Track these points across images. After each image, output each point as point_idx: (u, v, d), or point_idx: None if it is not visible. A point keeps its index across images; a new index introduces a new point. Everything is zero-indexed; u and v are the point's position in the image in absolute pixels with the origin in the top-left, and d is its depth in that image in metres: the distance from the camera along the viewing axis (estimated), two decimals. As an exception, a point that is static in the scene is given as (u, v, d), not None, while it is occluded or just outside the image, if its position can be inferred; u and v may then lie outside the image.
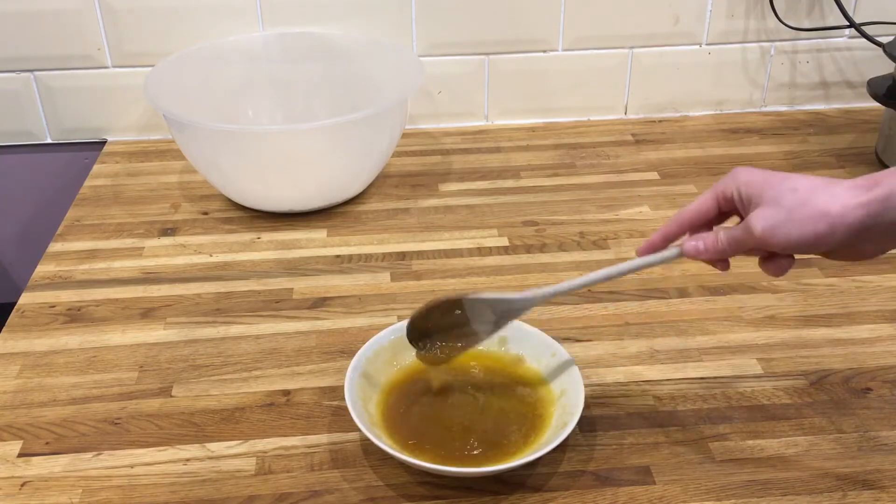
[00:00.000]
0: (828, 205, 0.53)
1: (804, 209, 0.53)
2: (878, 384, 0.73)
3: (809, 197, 0.54)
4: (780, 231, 0.54)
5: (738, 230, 0.57)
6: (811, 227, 0.53)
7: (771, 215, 0.55)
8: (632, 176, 1.06)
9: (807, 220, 0.53)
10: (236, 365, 0.76)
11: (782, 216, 0.54)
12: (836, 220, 0.53)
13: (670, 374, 0.74)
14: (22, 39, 1.09)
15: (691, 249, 0.60)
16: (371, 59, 1.08)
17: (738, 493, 0.63)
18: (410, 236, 0.94)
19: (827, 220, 0.53)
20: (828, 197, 0.53)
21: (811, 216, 0.53)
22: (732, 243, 0.58)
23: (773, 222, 0.54)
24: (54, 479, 0.65)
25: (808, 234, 0.53)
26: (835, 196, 0.53)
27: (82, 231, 0.96)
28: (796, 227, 0.54)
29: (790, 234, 0.54)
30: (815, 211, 0.53)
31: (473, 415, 0.67)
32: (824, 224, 0.53)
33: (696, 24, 1.15)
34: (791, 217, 0.54)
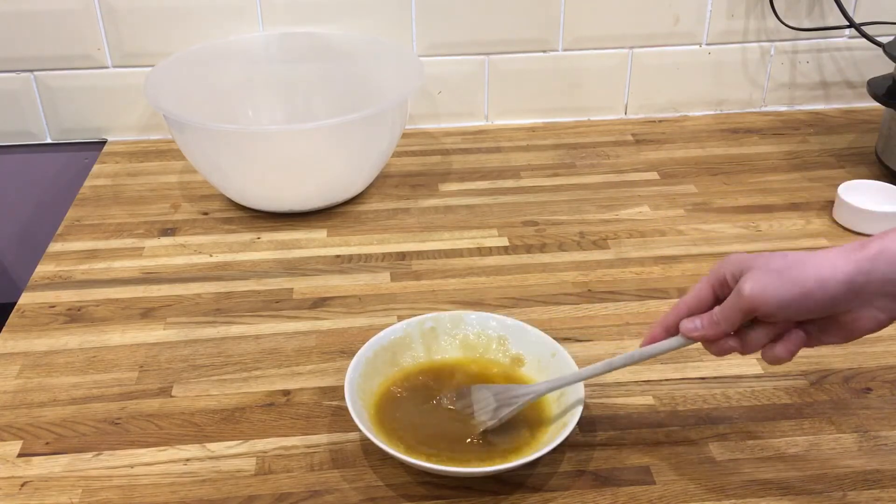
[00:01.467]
0: (818, 265, 0.53)
1: (793, 270, 0.54)
2: (878, 384, 0.73)
3: (799, 259, 0.54)
4: (768, 291, 0.54)
5: (729, 298, 0.57)
6: (799, 286, 0.53)
7: (760, 276, 0.55)
8: (632, 176, 1.06)
9: (796, 279, 0.53)
10: (236, 365, 0.76)
11: (771, 277, 0.54)
12: (826, 276, 0.53)
13: (670, 374, 0.74)
14: (22, 39, 1.09)
15: (689, 328, 0.59)
16: (371, 59, 1.08)
17: (738, 493, 0.63)
18: (410, 236, 0.94)
19: (816, 278, 0.53)
20: (818, 259, 0.54)
21: (801, 275, 0.53)
22: (725, 312, 0.57)
23: (762, 283, 0.54)
24: (54, 479, 0.65)
25: (796, 292, 0.53)
26: (825, 257, 0.54)
27: (82, 231, 0.96)
28: (784, 285, 0.54)
29: (779, 294, 0.54)
30: (805, 270, 0.53)
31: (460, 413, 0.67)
32: (814, 281, 0.53)
33: (696, 24, 1.15)
34: (780, 277, 0.54)
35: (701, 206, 0.99)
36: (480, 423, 0.66)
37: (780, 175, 1.06)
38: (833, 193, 0.96)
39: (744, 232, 0.94)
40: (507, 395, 0.66)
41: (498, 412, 0.65)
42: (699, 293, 0.60)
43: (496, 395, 0.66)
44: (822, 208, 0.98)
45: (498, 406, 0.66)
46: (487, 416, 0.65)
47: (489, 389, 0.67)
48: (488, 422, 0.65)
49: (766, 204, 1.00)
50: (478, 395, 0.67)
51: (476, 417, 0.66)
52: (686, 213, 0.98)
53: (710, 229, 0.95)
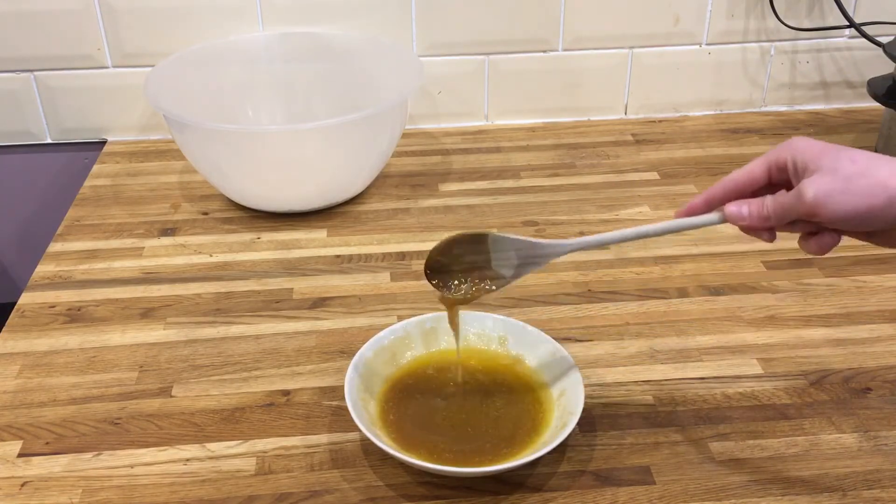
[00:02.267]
0: (889, 178, 0.50)
1: (862, 179, 0.51)
2: (878, 384, 0.73)
3: (869, 168, 0.51)
4: (834, 200, 0.51)
5: (787, 196, 0.53)
6: (867, 199, 0.50)
7: (826, 182, 0.51)
8: (632, 176, 1.06)
9: (864, 191, 0.50)
10: (236, 365, 0.76)
11: (838, 185, 0.51)
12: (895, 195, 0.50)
13: (670, 374, 0.74)
14: (22, 39, 1.09)
15: (734, 213, 0.56)
16: (371, 59, 1.08)
17: (738, 493, 0.63)
18: (410, 236, 0.94)
19: (886, 193, 0.50)
20: (889, 170, 0.50)
21: (869, 187, 0.50)
22: (779, 210, 0.54)
23: (827, 189, 0.51)
24: (54, 479, 0.65)
25: (863, 206, 0.51)
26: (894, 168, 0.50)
27: (82, 231, 0.96)
28: (851, 198, 0.51)
29: (844, 204, 0.51)
30: (874, 182, 0.50)
31: (473, 415, 0.67)
32: (882, 197, 0.50)
33: (696, 24, 1.15)
34: (847, 186, 0.51)
35: (701, 206, 0.99)
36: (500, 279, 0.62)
37: (780, 175, 1.06)
38: (833, 193, 0.96)
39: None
40: (531, 252, 0.62)
41: (521, 269, 0.62)
42: (752, 173, 0.56)
43: (518, 251, 0.62)
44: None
45: (520, 264, 0.62)
46: (509, 273, 0.62)
47: (511, 242, 0.63)
48: (508, 278, 0.62)
49: (766, 204, 0.99)
50: (497, 245, 0.63)
51: (495, 269, 0.63)
52: (686, 213, 0.98)
53: (709, 229, 0.95)
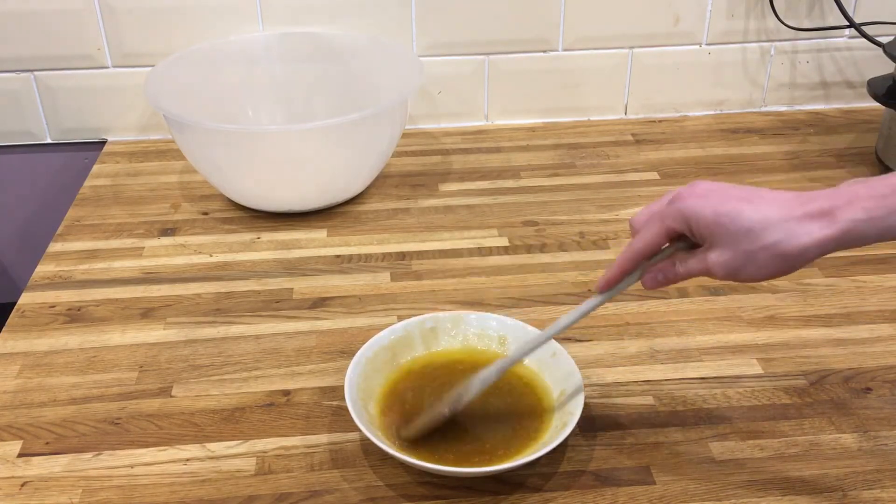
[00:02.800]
0: (786, 248, 0.54)
1: (763, 253, 0.55)
2: (878, 384, 0.73)
3: (766, 240, 0.54)
4: (742, 273, 0.56)
5: (697, 264, 0.58)
6: (772, 268, 0.55)
7: (730, 260, 0.56)
8: (632, 176, 1.06)
9: (767, 262, 0.55)
10: (236, 365, 0.76)
11: (741, 260, 0.55)
12: (797, 259, 0.54)
13: (670, 374, 0.74)
14: (22, 39, 1.09)
15: (651, 283, 0.61)
16: (371, 59, 1.08)
17: (738, 493, 0.63)
18: (410, 236, 0.94)
19: (787, 262, 0.55)
20: (785, 238, 0.54)
21: (771, 258, 0.55)
22: (692, 274, 0.59)
23: (733, 266, 0.56)
24: (54, 479, 0.65)
25: (770, 273, 0.56)
26: (792, 236, 0.54)
27: (82, 231, 0.96)
28: (760, 271, 0.55)
29: (754, 276, 0.56)
30: (774, 255, 0.54)
31: (473, 415, 0.67)
32: (785, 265, 0.55)
33: (696, 24, 1.15)
34: (750, 260, 0.55)
35: (701, 206, 0.99)
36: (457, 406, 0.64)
37: (780, 175, 1.06)
38: (833, 193, 0.96)
39: (744, 232, 0.94)
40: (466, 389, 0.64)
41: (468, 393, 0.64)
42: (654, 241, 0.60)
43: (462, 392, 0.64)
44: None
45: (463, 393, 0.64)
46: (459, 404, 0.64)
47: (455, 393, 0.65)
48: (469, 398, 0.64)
49: (766, 204, 0.99)
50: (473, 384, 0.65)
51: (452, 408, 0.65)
52: (686, 213, 0.98)
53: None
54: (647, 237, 0.60)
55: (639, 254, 0.61)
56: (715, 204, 0.56)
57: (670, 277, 0.60)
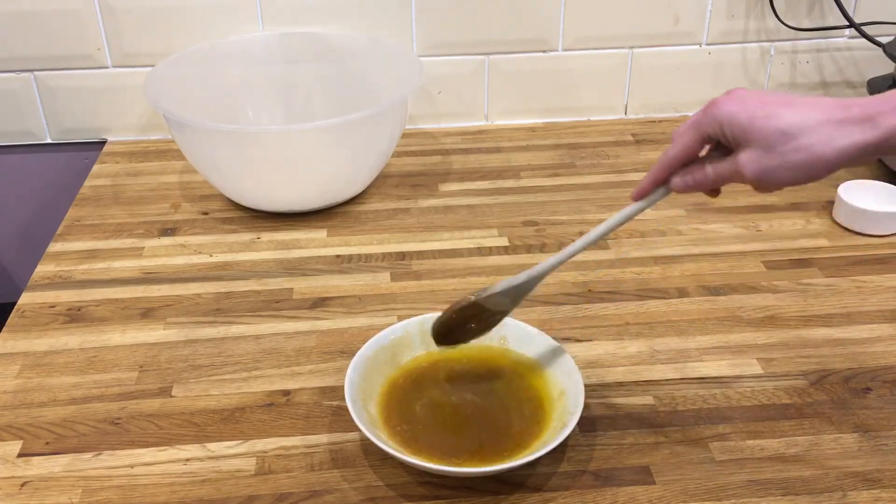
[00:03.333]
0: (823, 150, 0.52)
1: (798, 154, 0.53)
2: (878, 384, 0.73)
3: (802, 141, 0.53)
4: (773, 175, 0.54)
5: (728, 166, 0.56)
6: (805, 172, 0.53)
7: (762, 159, 0.54)
8: (632, 176, 1.06)
9: (801, 165, 0.53)
10: (236, 365, 0.76)
11: (775, 161, 0.53)
12: (832, 163, 0.52)
13: (670, 374, 0.74)
14: (22, 39, 1.09)
15: (680, 184, 0.59)
16: (371, 59, 1.08)
17: (738, 493, 0.63)
18: (410, 236, 0.94)
19: (822, 165, 0.53)
20: (822, 140, 0.52)
21: (806, 161, 0.53)
22: (720, 177, 0.57)
23: (765, 166, 0.54)
24: (54, 479, 0.65)
25: (803, 177, 0.54)
26: (830, 139, 0.52)
27: (82, 231, 0.96)
28: (790, 173, 0.53)
29: (784, 178, 0.54)
30: (809, 156, 0.52)
31: (473, 415, 0.67)
32: (819, 167, 0.53)
33: (696, 24, 1.15)
34: (784, 162, 0.53)
35: (701, 206, 0.99)
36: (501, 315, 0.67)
37: (780, 175, 1.06)
38: (833, 193, 0.96)
39: (744, 232, 0.94)
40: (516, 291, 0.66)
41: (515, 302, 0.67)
42: (687, 147, 0.59)
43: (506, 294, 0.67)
44: (822, 208, 0.98)
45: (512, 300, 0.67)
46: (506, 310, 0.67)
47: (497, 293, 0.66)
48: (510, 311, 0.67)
49: (765, 204, 1.00)
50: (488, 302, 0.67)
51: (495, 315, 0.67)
52: (686, 213, 0.98)
53: (709, 229, 0.95)
54: (681, 143, 0.59)
55: (672, 160, 0.59)
56: (752, 108, 0.55)
57: (699, 179, 0.58)
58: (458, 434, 0.66)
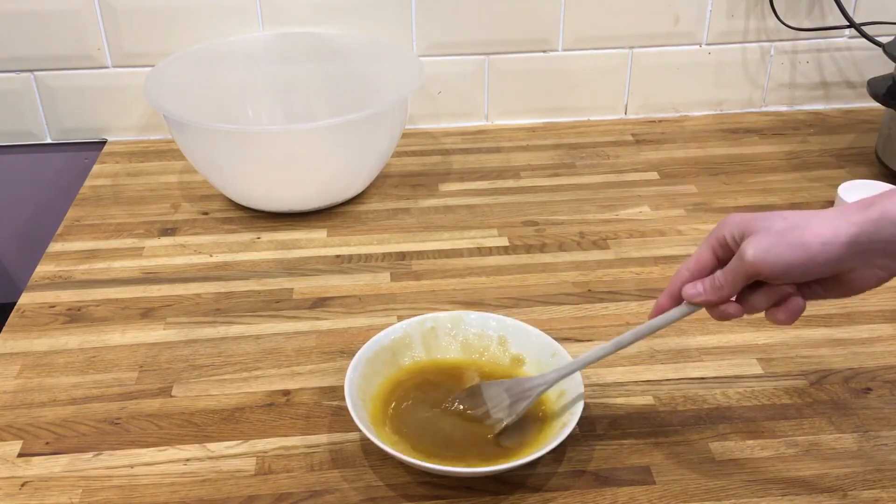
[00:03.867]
0: (819, 227, 0.53)
1: (795, 232, 0.54)
2: (878, 384, 0.73)
3: (800, 222, 0.54)
4: (772, 254, 0.54)
5: (731, 262, 0.57)
6: (803, 250, 0.53)
7: (761, 240, 0.55)
8: (632, 176, 1.06)
9: (799, 242, 0.53)
10: (236, 365, 0.76)
11: (772, 240, 0.54)
12: (829, 240, 0.53)
13: (670, 374, 0.74)
14: (22, 39, 1.09)
15: (691, 293, 0.60)
16: (371, 59, 1.08)
17: (738, 493, 0.63)
18: (410, 236, 0.94)
19: (819, 241, 0.53)
20: (819, 221, 0.54)
21: (803, 238, 0.53)
22: (728, 276, 0.58)
23: (764, 246, 0.54)
24: (54, 479, 0.65)
25: (801, 255, 0.53)
26: (826, 219, 0.54)
27: (82, 231, 0.96)
28: (788, 250, 0.54)
29: (782, 257, 0.54)
30: (807, 233, 0.53)
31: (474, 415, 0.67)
32: (816, 245, 0.53)
33: (696, 24, 1.15)
34: (781, 240, 0.54)
35: (701, 206, 0.99)
36: (497, 422, 0.65)
37: (780, 175, 1.06)
38: (833, 193, 0.96)
39: (744, 232, 0.94)
40: (519, 388, 0.66)
41: (514, 407, 0.65)
42: (700, 257, 0.60)
43: (508, 391, 0.66)
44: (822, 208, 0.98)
45: (512, 402, 0.66)
46: (504, 414, 0.65)
47: (500, 385, 0.67)
48: (506, 419, 0.65)
49: (766, 204, 1.00)
50: (489, 392, 0.67)
51: (492, 416, 0.66)
52: (686, 213, 0.98)
53: (709, 229, 0.94)
54: (694, 257, 0.61)
55: (684, 271, 0.61)
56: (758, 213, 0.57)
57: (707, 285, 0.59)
58: (458, 434, 0.66)
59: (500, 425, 0.65)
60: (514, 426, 0.66)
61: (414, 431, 0.65)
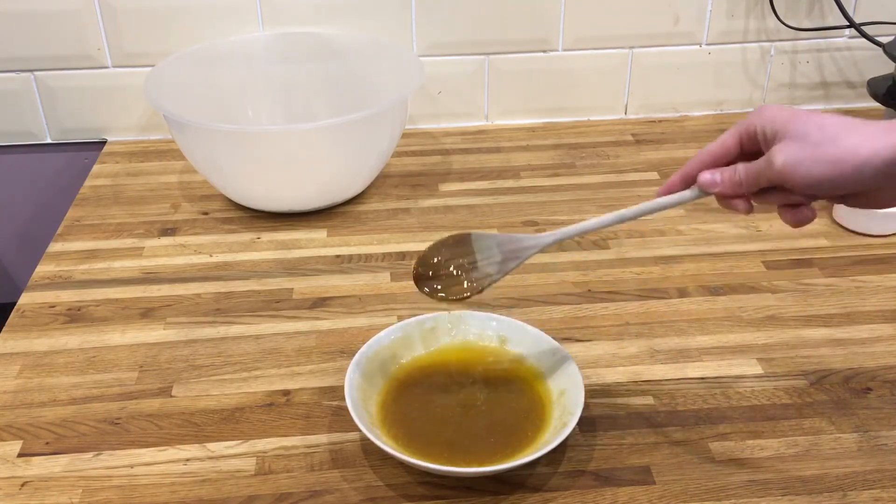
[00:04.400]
0: (857, 145, 0.50)
1: (831, 147, 0.50)
2: (878, 384, 0.73)
3: (838, 135, 0.50)
4: (802, 167, 0.51)
5: (758, 163, 0.54)
6: (836, 167, 0.50)
7: (795, 149, 0.51)
8: (632, 176, 1.06)
9: (832, 159, 0.50)
10: (236, 365, 0.76)
11: (807, 152, 0.51)
12: (865, 161, 0.49)
13: (670, 374, 0.74)
14: (22, 39, 1.09)
15: (707, 181, 0.57)
16: (371, 59, 1.08)
17: (738, 493, 0.63)
18: (410, 236, 0.94)
19: (854, 161, 0.50)
20: (858, 137, 0.50)
21: (838, 155, 0.50)
22: (751, 175, 0.54)
23: (796, 156, 0.51)
24: (54, 479, 0.65)
25: (832, 173, 0.50)
26: (866, 137, 0.50)
27: (82, 231, 0.96)
28: (820, 166, 0.50)
29: (812, 172, 0.51)
30: (843, 150, 0.50)
31: (473, 415, 0.67)
32: (851, 165, 0.50)
33: (696, 24, 1.15)
34: (816, 153, 0.50)
35: (701, 206, 0.99)
36: (486, 276, 0.62)
37: (780, 175, 1.06)
38: (833, 193, 0.96)
39: (744, 232, 0.94)
40: (512, 246, 0.63)
41: (504, 265, 0.62)
42: (725, 143, 0.57)
43: (499, 246, 0.63)
44: (823, 208, 0.98)
45: (504, 259, 0.63)
46: (494, 269, 0.62)
47: (492, 238, 0.64)
48: (494, 275, 0.62)
49: (766, 204, 0.99)
50: (479, 243, 0.64)
51: (479, 269, 0.63)
52: (686, 213, 0.98)
53: (709, 229, 0.95)
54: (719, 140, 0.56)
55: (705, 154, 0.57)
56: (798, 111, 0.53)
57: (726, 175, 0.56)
58: (458, 434, 0.66)
59: (487, 280, 0.62)
60: (515, 426, 0.66)
61: (414, 431, 0.66)
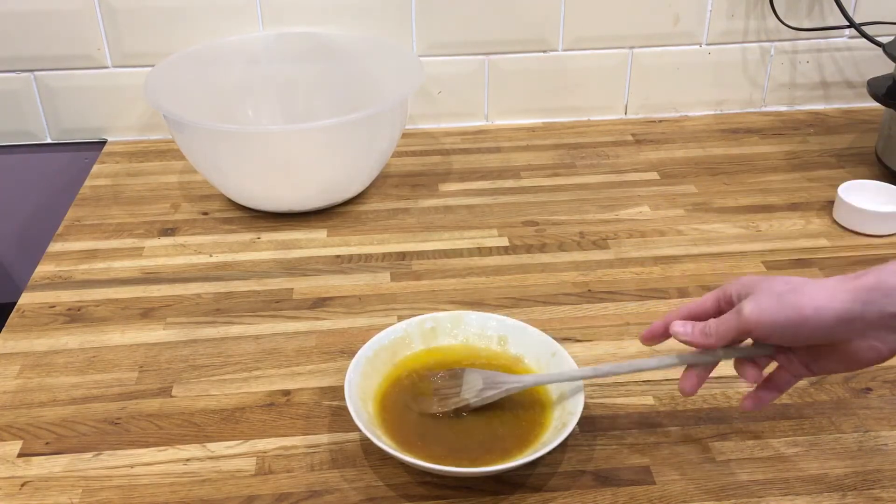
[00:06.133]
0: (816, 292, 0.54)
1: (793, 295, 0.55)
2: (878, 384, 0.73)
3: (803, 285, 0.55)
4: (767, 314, 0.55)
5: (728, 314, 0.59)
6: (797, 312, 0.54)
7: (762, 299, 0.56)
8: (632, 176, 1.06)
9: (794, 304, 0.54)
10: (236, 365, 0.76)
11: (772, 300, 0.55)
12: (823, 304, 0.54)
13: (670, 374, 0.74)
14: (22, 39, 1.09)
15: (679, 329, 0.61)
16: (371, 59, 1.08)
17: (738, 493, 0.63)
18: (410, 236, 0.94)
19: (813, 305, 0.54)
20: (817, 286, 0.55)
21: (798, 300, 0.54)
22: (721, 327, 0.59)
23: (761, 305, 0.56)
24: (54, 479, 0.65)
25: (795, 317, 0.54)
26: (823, 285, 0.54)
27: (82, 231, 0.96)
28: (783, 311, 0.55)
29: (776, 318, 0.55)
30: (804, 296, 0.54)
31: (473, 415, 0.67)
32: (810, 308, 0.54)
33: (696, 24, 1.15)
34: (781, 301, 0.55)
35: (701, 206, 0.99)
36: (463, 401, 0.67)
37: (780, 175, 1.06)
38: (833, 193, 0.96)
39: (744, 232, 0.94)
40: (494, 380, 0.67)
41: (482, 392, 0.67)
42: (703, 303, 0.62)
43: (484, 379, 0.67)
44: (822, 208, 0.98)
45: (483, 388, 0.67)
46: (471, 395, 0.67)
47: (480, 373, 0.68)
48: (471, 399, 0.66)
49: (766, 204, 1.00)
50: (468, 377, 0.68)
51: (461, 396, 0.67)
52: (686, 213, 0.98)
53: (710, 229, 0.95)
54: (699, 299, 0.62)
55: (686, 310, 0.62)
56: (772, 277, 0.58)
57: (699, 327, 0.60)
58: (457, 434, 0.66)
59: (462, 402, 0.67)
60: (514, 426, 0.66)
61: (414, 431, 0.65)
